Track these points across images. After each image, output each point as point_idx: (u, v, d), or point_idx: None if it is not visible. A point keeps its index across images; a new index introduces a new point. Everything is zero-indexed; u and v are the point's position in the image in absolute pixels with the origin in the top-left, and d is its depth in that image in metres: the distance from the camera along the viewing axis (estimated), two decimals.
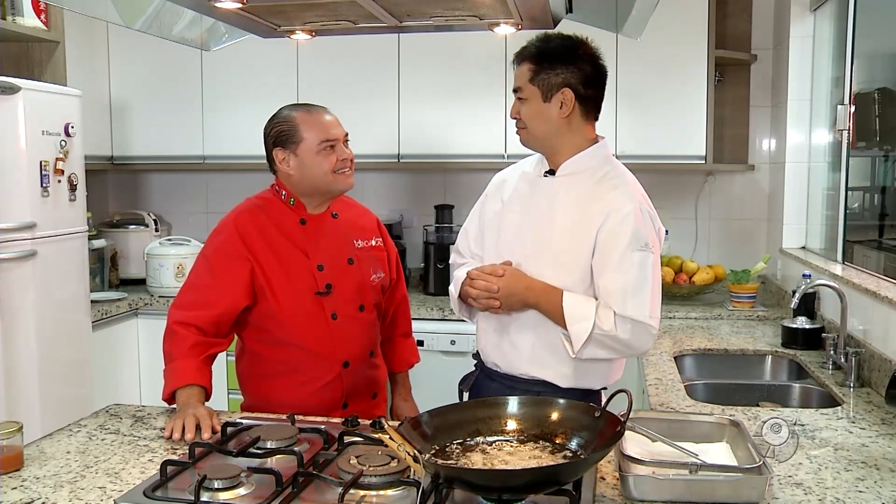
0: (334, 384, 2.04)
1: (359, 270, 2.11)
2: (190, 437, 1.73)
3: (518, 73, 1.88)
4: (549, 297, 1.81)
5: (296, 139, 2.00)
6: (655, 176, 3.78)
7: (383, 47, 3.63)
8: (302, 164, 2.01)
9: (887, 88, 3.47)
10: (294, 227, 2.06)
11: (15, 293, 2.77)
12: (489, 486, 1.29)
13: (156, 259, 3.70)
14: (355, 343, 2.09)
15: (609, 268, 1.79)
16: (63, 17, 3.38)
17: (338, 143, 2.03)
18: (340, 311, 2.05)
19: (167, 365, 1.94)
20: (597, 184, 1.86)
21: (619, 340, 1.77)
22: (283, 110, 2.07)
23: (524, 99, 1.87)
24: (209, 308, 1.96)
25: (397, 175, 4.09)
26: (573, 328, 1.77)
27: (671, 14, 3.24)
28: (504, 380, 1.94)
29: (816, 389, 2.34)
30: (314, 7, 1.81)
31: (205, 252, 2.06)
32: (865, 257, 3.20)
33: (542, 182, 1.93)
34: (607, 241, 1.80)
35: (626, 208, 1.80)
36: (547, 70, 1.84)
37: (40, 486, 1.48)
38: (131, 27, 2.02)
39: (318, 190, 2.05)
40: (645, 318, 1.77)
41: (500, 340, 1.93)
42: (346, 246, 2.11)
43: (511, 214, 1.95)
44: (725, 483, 1.38)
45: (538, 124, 1.88)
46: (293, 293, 2.01)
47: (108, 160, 3.96)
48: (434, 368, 3.33)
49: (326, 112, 2.06)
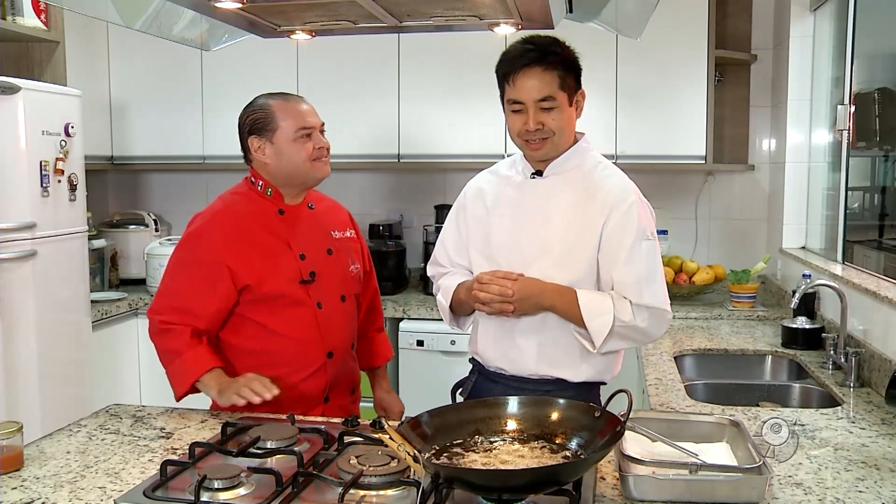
0: (318, 375, 2.02)
1: (338, 261, 2.11)
2: (269, 395, 1.81)
3: (543, 81, 1.78)
4: (565, 298, 1.81)
5: (272, 127, 1.98)
6: (655, 176, 3.79)
7: (383, 47, 3.63)
8: (278, 151, 1.99)
9: (887, 88, 3.47)
10: (273, 218, 2.03)
11: (15, 293, 2.77)
12: (489, 486, 1.29)
13: (156, 259, 3.69)
14: (339, 333, 2.08)
15: (621, 261, 1.81)
16: (63, 17, 3.38)
17: (314, 132, 2.02)
18: (324, 300, 2.04)
19: (174, 360, 1.92)
20: (589, 179, 1.87)
21: (638, 329, 1.81)
22: (258, 99, 2.05)
23: (552, 108, 1.80)
24: (196, 318, 1.94)
25: (397, 175, 4.09)
26: (593, 324, 1.78)
27: (671, 14, 3.24)
28: (511, 382, 1.92)
29: (816, 389, 2.34)
30: (314, 7, 1.81)
31: (181, 256, 2.00)
32: (865, 257, 3.20)
33: (532, 184, 1.92)
34: (615, 236, 1.81)
35: (628, 200, 1.83)
36: (569, 74, 1.81)
37: (40, 486, 1.48)
38: (131, 27, 2.02)
39: (295, 178, 2.03)
40: (661, 304, 1.82)
41: (503, 344, 1.92)
42: (323, 237, 2.11)
43: (500, 219, 1.93)
44: (725, 483, 1.38)
45: (566, 132, 1.85)
46: (278, 283, 1.98)
47: (108, 160, 3.96)
48: (434, 368, 3.33)
49: (303, 101, 2.06)
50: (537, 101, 1.79)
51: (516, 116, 1.84)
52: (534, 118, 1.80)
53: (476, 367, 2.04)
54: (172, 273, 2.01)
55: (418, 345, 3.38)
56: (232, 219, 2.01)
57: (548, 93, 1.79)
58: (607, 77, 3.51)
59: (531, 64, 1.78)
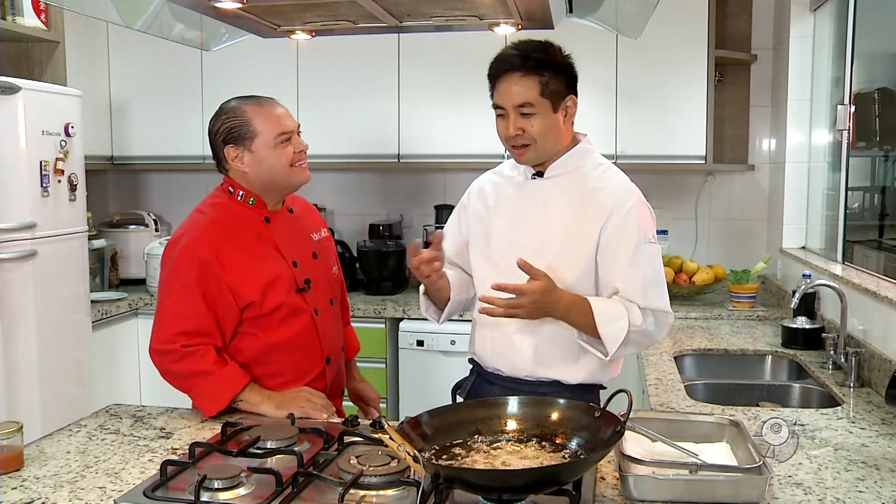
0: (316, 382, 2.01)
1: (322, 264, 2.08)
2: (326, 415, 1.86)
3: (522, 87, 1.78)
4: (578, 308, 1.78)
5: (249, 134, 1.91)
6: (655, 176, 3.79)
7: (383, 47, 3.63)
8: (258, 159, 1.92)
9: (887, 88, 3.47)
10: (261, 227, 1.96)
11: (15, 293, 2.77)
12: (489, 486, 1.29)
13: (156, 259, 3.68)
14: (334, 338, 2.07)
15: (625, 264, 1.80)
16: (63, 17, 3.38)
17: (293, 135, 1.96)
18: (319, 306, 2.01)
19: (204, 380, 1.85)
20: (589, 181, 1.86)
21: (646, 333, 1.80)
22: (229, 103, 1.96)
23: (532, 114, 1.79)
24: (214, 337, 1.88)
25: (397, 175, 4.09)
26: (607, 330, 1.76)
27: (671, 14, 3.24)
28: (507, 383, 1.92)
29: (816, 389, 2.34)
30: (314, 7, 1.81)
31: (178, 278, 1.88)
32: (865, 257, 3.20)
33: (532, 185, 1.91)
34: (615, 239, 1.80)
35: (629, 203, 1.82)
36: (553, 79, 1.79)
37: (40, 486, 1.48)
38: (131, 27, 2.02)
39: (275, 186, 1.97)
40: (666, 307, 1.82)
41: (501, 346, 1.92)
42: (307, 241, 2.07)
43: (500, 219, 1.93)
44: (725, 483, 1.38)
45: (550, 138, 1.83)
46: (279, 295, 1.92)
47: (108, 160, 3.96)
48: (434, 368, 3.33)
49: (277, 103, 1.98)
50: (516, 106, 1.79)
51: (500, 121, 1.85)
52: (514, 123, 1.80)
53: (475, 367, 2.04)
54: (173, 298, 1.90)
55: (418, 345, 3.38)
56: (223, 234, 1.91)
57: (526, 99, 1.78)
58: (607, 77, 3.51)
59: (511, 70, 1.79)
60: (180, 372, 1.88)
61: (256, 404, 1.88)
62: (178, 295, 1.89)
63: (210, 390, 1.86)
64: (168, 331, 1.88)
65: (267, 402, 1.88)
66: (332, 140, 3.69)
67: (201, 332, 1.87)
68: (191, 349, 1.86)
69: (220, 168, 2.01)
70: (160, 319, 1.91)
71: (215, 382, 1.86)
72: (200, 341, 1.87)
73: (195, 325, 1.87)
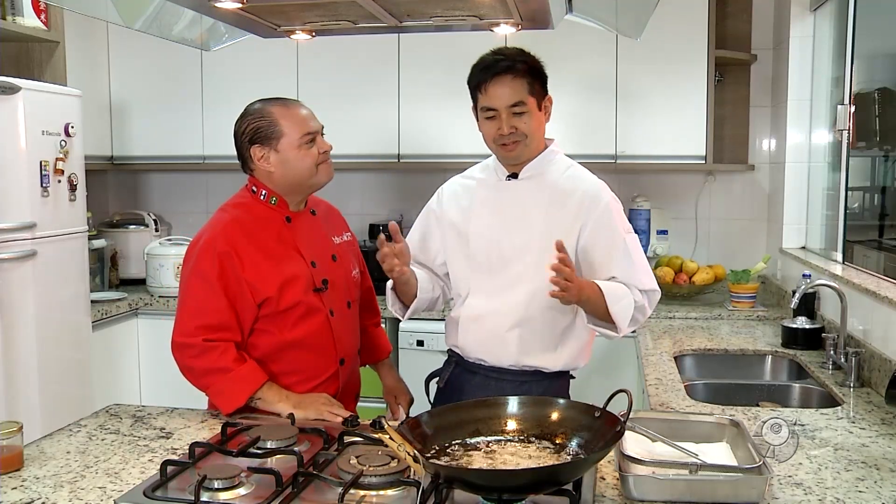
0: (330, 383, 2.02)
1: (342, 267, 2.10)
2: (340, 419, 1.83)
3: (513, 88, 1.90)
4: (590, 289, 1.87)
5: (275, 134, 1.94)
6: (655, 176, 3.79)
7: (383, 47, 3.63)
8: (284, 160, 1.95)
9: (887, 88, 3.48)
10: (282, 227, 2.00)
11: (15, 293, 2.77)
12: (489, 486, 1.29)
13: (156, 259, 3.69)
14: (350, 340, 2.08)
15: (620, 255, 1.94)
16: (63, 17, 3.38)
17: (317, 136, 2.00)
18: (335, 307, 2.03)
19: (223, 376, 1.86)
20: (563, 181, 2.01)
21: (643, 309, 1.96)
22: (255, 105, 1.99)
23: (523, 112, 1.92)
24: (234, 333, 1.90)
25: (397, 175, 4.09)
26: (616, 307, 1.88)
27: (671, 14, 3.24)
28: (490, 372, 2.01)
29: (816, 389, 2.34)
30: (314, 7, 1.81)
31: (199, 273, 1.91)
32: (865, 257, 3.20)
33: (508, 186, 2.02)
34: (604, 235, 1.95)
35: (603, 201, 1.97)
36: (535, 80, 1.93)
37: (40, 486, 1.48)
38: (131, 27, 2.02)
39: (300, 185, 2.00)
40: (656, 286, 1.99)
41: (483, 336, 2.00)
42: (327, 243, 2.09)
43: (478, 219, 2.03)
44: (725, 483, 1.38)
45: (538, 135, 1.98)
46: (296, 294, 1.95)
47: (108, 160, 3.96)
48: (434, 369, 3.33)
49: (302, 105, 2.02)
50: (509, 106, 1.91)
51: (490, 123, 1.94)
52: (507, 122, 1.92)
53: (453, 357, 2.10)
54: (194, 292, 1.92)
55: (418, 345, 3.38)
56: (243, 231, 1.95)
57: (518, 98, 1.91)
58: (607, 77, 3.50)
59: (502, 73, 1.91)
60: (199, 368, 1.89)
61: (273, 403, 1.89)
62: (200, 290, 1.91)
63: (228, 387, 1.87)
64: (189, 324, 1.90)
65: (285, 401, 1.89)
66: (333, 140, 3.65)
67: (222, 326, 1.89)
68: (211, 344, 1.88)
69: (244, 168, 2.04)
70: (182, 313, 1.93)
71: (233, 380, 1.87)
72: (221, 336, 1.89)
73: (216, 319, 1.89)
